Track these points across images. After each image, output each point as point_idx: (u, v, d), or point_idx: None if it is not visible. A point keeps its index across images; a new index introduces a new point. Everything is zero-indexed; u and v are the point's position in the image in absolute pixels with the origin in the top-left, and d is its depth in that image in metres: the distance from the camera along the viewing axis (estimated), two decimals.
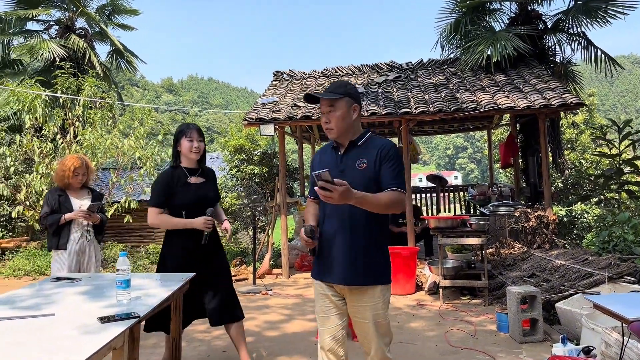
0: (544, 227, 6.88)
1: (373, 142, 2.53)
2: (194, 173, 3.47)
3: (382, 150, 2.46)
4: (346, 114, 2.49)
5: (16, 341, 2.03)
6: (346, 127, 2.50)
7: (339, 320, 2.56)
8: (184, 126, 3.45)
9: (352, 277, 2.46)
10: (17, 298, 2.78)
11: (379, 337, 2.49)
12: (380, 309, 2.48)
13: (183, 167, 3.46)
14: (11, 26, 12.23)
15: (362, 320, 2.50)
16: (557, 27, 9.31)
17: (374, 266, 2.48)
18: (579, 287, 4.73)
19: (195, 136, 3.40)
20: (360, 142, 2.53)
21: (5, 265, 9.53)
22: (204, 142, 3.50)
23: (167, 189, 3.37)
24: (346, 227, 2.47)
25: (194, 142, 3.39)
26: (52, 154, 9.00)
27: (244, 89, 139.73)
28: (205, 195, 3.46)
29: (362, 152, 2.50)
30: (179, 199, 3.36)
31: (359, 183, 2.38)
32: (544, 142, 7.37)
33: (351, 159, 2.51)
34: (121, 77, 26.42)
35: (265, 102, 8.17)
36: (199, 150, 3.41)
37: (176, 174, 3.41)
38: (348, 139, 2.54)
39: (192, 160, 3.45)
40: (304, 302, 6.14)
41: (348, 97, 2.50)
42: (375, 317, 2.47)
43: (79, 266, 4.25)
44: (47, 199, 4.26)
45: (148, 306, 2.56)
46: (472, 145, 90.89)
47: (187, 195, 3.38)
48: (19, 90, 8.94)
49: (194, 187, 3.42)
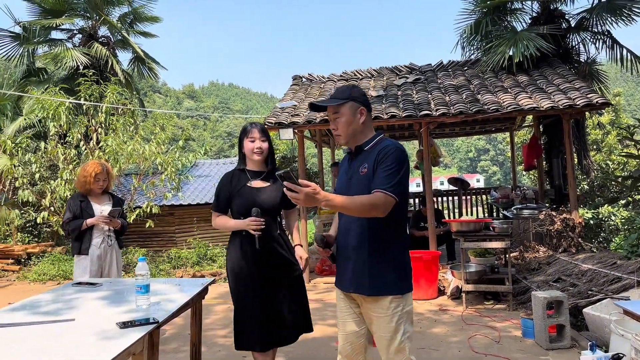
0: (569, 230, 6.71)
1: (378, 146, 2.42)
2: (259, 176, 3.16)
3: (380, 153, 2.34)
4: (351, 119, 2.42)
5: (37, 347, 2.04)
6: (353, 132, 2.44)
7: (357, 327, 2.49)
8: (247, 125, 3.18)
9: (358, 286, 2.39)
10: (38, 303, 2.81)
11: (390, 351, 2.37)
12: (390, 321, 2.33)
13: (247, 169, 3.18)
14: (36, 35, 12.49)
15: (374, 331, 2.42)
16: (581, 25, 9.13)
17: (380, 275, 2.34)
18: (607, 292, 4.59)
19: (257, 135, 3.11)
20: (367, 147, 2.45)
21: (31, 270, 9.70)
22: (269, 142, 3.21)
23: (225, 191, 3.15)
24: (351, 234, 2.41)
25: (256, 142, 3.10)
26: (76, 160, 9.15)
27: (264, 94, 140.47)
28: (265, 201, 3.10)
29: (367, 156, 2.42)
30: (236, 203, 3.11)
31: (362, 188, 2.32)
32: (569, 143, 7.21)
33: (357, 164, 2.45)
34: (143, 84, 26.85)
35: (285, 106, 8.18)
36: (261, 150, 3.11)
37: (237, 177, 3.17)
38: (356, 144, 2.48)
39: (256, 162, 3.16)
40: (325, 307, 6.10)
41: (352, 101, 2.43)
42: (385, 329, 2.35)
43: (100, 271, 4.28)
44: (69, 205, 4.31)
45: (167, 311, 2.56)
46: (495, 147, 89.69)
47: (245, 199, 3.08)
48: (43, 98, 9.11)
49: (255, 192, 3.10)
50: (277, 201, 3.11)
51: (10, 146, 8.57)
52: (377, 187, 2.25)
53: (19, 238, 11.44)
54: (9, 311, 2.66)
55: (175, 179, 9.67)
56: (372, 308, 2.37)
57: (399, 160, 2.31)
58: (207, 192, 11.42)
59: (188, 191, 11.55)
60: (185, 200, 11.08)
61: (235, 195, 3.10)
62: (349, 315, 2.50)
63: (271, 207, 3.10)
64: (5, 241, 11.53)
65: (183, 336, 4.89)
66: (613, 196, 9.69)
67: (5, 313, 2.61)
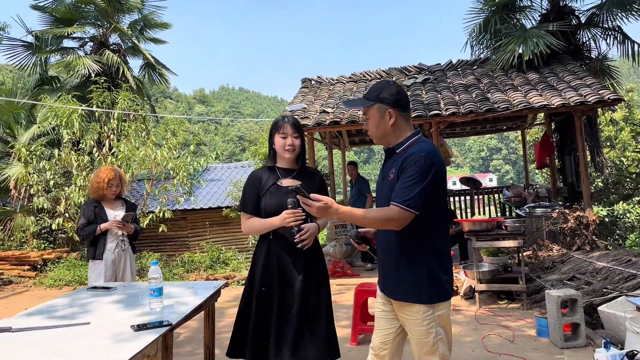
0: (583, 228, 6.65)
1: (409, 150, 2.29)
2: (289, 174, 2.91)
3: (405, 160, 2.22)
4: (379, 121, 2.34)
5: (53, 350, 2.07)
6: (382, 134, 2.37)
7: (389, 325, 2.47)
8: (278, 119, 2.92)
9: (389, 289, 2.40)
10: (54, 308, 2.85)
11: (422, 351, 2.32)
12: (421, 325, 2.27)
13: (277, 167, 2.93)
14: (48, 44, 12.67)
15: (408, 332, 2.39)
16: (592, 22, 9.06)
17: (406, 283, 2.29)
18: (623, 290, 4.55)
19: (289, 131, 2.85)
20: (399, 149, 2.33)
21: (47, 276, 9.82)
22: (302, 139, 2.94)
23: (252, 191, 2.90)
24: (382, 239, 2.43)
25: (288, 139, 2.84)
26: (89, 166, 9.26)
27: (274, 98, 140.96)
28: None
29: (395, 161, 2.32)
30: (265, 203, 2.84)
31: (387, 195, 2.27)
32: (581, 140, 7.15)
33: (387, 167, 2.40)
34: (154, 89, 27.08)
35: (294, 109, 8.21)
36: (293, 148, 2.85)
37: (265, 175, 2.91)
38: (388, 145, 2.42)
39: (287, 159, 2.90)
40: (337, 308, 6.08)
41: (380, 103, 2.31)
42: (416, 332, 2.30)
43: (114, 275, 4.34)
44: (83, 211, 4.39)
45: (180, 314, 2.58)
46: (507, 146, 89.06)
47: (274, 198, 2.82)
48: (57, 106, 9.24)
49: (284, 191, 2.81)
50: None
51: (25, 154, 8.69)
52: (394, 200, 2.18)
53: (34, 244, 11.60)
54: (25, 316, 2.70)
55: (187, 183, 9.74)
56: (403, 311, 2.35)
57: (422, 170, 2.16)
58: (218, 196, 11.51)
59: (200, 195, 11.64)
60: (198, 204, 11.16)
61: (265, 194, 2.85)
62: (382, 312, 2.50)
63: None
64: (21, 248, 11.70)
65: (197, 339, 4.93)
66: (628, 193, 9.58)
67: (22, 318, 2.66)
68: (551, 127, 9.55)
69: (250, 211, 2.89)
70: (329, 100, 8.61)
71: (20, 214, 11.24)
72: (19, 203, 11.34)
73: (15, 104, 12.05)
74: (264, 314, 2.78)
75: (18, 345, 2.15)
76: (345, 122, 7.39)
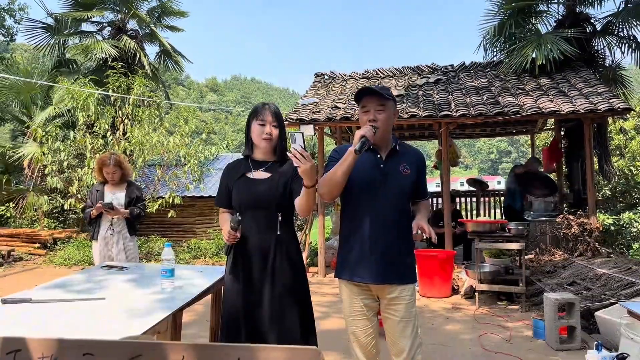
0: (586, 235, 6.72)
1: (405, 148, 2.69)
2: (262, 166, 2.66)
3: (419, 159, 2.65)
4: (391, 117, 2.56)
5: (71, 322, 2.20)
6: (387, 129, 2.54)
7: (370, 323, 2.60)
8: (258, 106, 2.69)
9: (390, 276, 2.51)
10: (70, 282, 2.99)
11: (412, 334, 2.53)
12: (413, 306, 2.56)
13: (252, 158, 2.71)
14: (67, 27, 12.84)
15: (398, 318, 2.53)
16: (607, 30, 9.06)
17: (412, 265, 2.62)
18: (620, 297, 4.63)
19: (269, 119, 2.61)
20: (397, 148, 2.62)
21: (57, 255, 10.03)
22: (282, 129, 2.69)
23: (224, 183, 2.73)
24: (385, 229, 2.51)
25: (266, 127, 2.61)
26: (103, 149, 9.42)
27: (285, 90, 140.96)
28: (262, 195, 2.58)
29: (402, 157, 2.59)
30: (234, 197, 2.65)
31: (404, 187, 2.55)
32: (589, 147, 7.20)
33: (394, 163, 2.56)
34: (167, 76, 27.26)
35: (306, 103, 8.31)
36: (270, 137, 2.61)
37: (238, 166, 2.72)
38: (387, 142, 2.59)
39: (263, 149, 2.66)
40: (340, 301, 6.20)
41: (393, 101, 2.59)
42: (409, 313, 2.53)
43: (107, 255, 4.63)
44: (88, 193, 4.69)
45: (190, 294, 2.71)
46: (517, 149, 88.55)
47: (242, 193, 2.62)
48: (73, 89, 9.40)
49: (251, 183, 2.62)
50: (278, 194, 2.57)
51: (41, 134, 8.87)
52: (426, 196, 2.74)
53: (45, 223, 11.82)
54: (43, 289, 2.84)
55: (197, 171, 9.89)
56: (399, 295, 2.52)
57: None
58: None
59: (209, 183, 11.79)
60: (207, 192, 11.31)
61: (233, 186, 2.66)
62: (363, 311, 2.58)
63: (268, 202, 2.57)
64: (32, 226, 11.93)
65: (202, 322, 5.07)
66: (635, 202, 9.60)
67: (40, 290, 2.80)
68: (560, 133, 9.59)
69: (222, 205, 2.74)
70: (341, 95, 8.70)
71: (32, 192, 11.45)
72: (32, 182, 11.56)
73: (33, 84, 12.24)
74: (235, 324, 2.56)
75: (39, 317, 2.28)
76: (356, 118, 7.48)
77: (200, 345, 1.26)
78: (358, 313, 2.59)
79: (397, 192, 2.53)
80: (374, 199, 2.50)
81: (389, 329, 2.57)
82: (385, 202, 2.51)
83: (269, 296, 2.52)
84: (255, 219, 2.58)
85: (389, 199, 2.51)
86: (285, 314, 2.54)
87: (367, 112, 2.52)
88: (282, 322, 2.53)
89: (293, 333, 2.54)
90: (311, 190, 2.35)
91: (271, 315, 2.51)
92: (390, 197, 2.51)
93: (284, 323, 2.53)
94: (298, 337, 2.55)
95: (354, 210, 2.58)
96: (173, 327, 2.58)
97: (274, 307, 2.52)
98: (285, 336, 2.49)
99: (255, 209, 2.58)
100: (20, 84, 12.25)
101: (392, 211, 2.51)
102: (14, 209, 11.15)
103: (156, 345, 1.27)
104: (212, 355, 1.23)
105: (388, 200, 2.51)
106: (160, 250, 9.81)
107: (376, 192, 2.51)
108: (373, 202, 2.50)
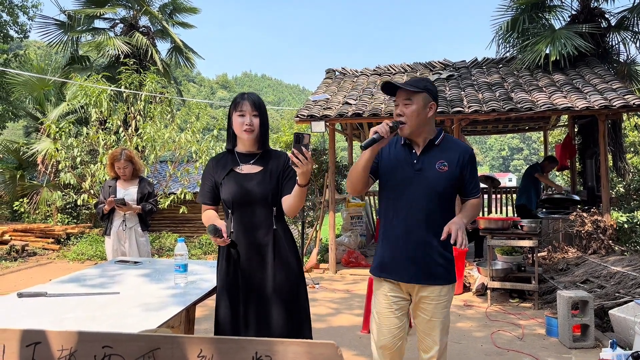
0: (600, 232, 6.65)
1: (450, 143, 2.52)
2: (249, 159, 2.55)
3: (463, 155, 2.47)
4: (421, 110, 2.41)
5: (86, 315, 2.23)
6: (419, 123, 2.42)
7: (399, 322, 2.55)
8: (237, 97, 2.56)
9: (423, 276, 2.45)
10: (84, 277, 3.02)
11: (442, 334, 2.50)
12: (446, 307, 2.51)
13: (237, 151, 2.60)
14: (80, 24, 12.97)
15: (429, 318, 2.50)
16: (622, 25, 8.95)
17: (444, 265, 2.50)
18: (635, 295, 4.58)
19: (248, 109, 2.48)
20: (437, 142, 2.49)
21: (70, 250, 10.14)
22: (264, 118, 2.54)
23: (209, 178, 2.59)
24: (422, 227, 2.44)
25: (246, 117, 2.47)
26: (115, 145, 9.49)
27: (296, 86, 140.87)
28: (255, 190, 2.47)
29: (441, 153, 2.47)
30: (223, 192, 2.52)
31: (439, 185, 2.42)
32: (603, 144, 7.12)
33: (430, 159, 2.46)
34: (178, 72, 27.36)
35: (317, 99, 8.30)
36: (251, 128, 2.47)
37: (223, 161, 2.59)
38: (423, 137, 2.48)
39: (246, 141, 2.53)
40: (352, 297, 6.23)
41: (426, 92, 2.42)
42: (441, 314, 2.49)
43: (120, 250, 4.69)
44: (101, 189, 4.76)
45: (203, 290, 2.72)
46: (529, 147, 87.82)
47: (232, 188, 2.49)
48: (86, 85, 9.48)
49: (242, 178, 2.50)
50: (271, 188, 2.49)
51: (54, 130, 8.95)
52: (475, 194, 2.55)
53: (58, 219, 11.96)
54: (58, 283, 2.87)
55: None
56: (432, 296, 2.46)
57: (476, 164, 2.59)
58: None
59: None
60: None
61: (222, 182, 2.54)
62: (392, 309, 2.53)
63: (263, 197, 2.48)
64: (45, 221, 12.07)
65: None
66: None
67: (55, 284, 2.83)
68: (574, 129, 9.50)
69: (205, 201, 2.60)
70: (352, 92, 8.68)
71: (46, 188, 11.58)
72: (46, 178, 11.69)
73: (46, 81, 12.36)
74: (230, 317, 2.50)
75: (55, 310, 2.30)
76: (367, 115, 7.46)
77: (217, 339, 1.26)
78: (386, 310, 2.53)
79: (429, 190, 2.42)
80: (405, 197, 2.44)
81: (419, 325, 2.55)
82: (416, 199, 2.42)
83: (269, 291, 2.45)
84: (249, 215, 2.48)
85: (419, 197, 2.42)
86: (281, 309, 2.45)
87: (396, 106, 2.47)
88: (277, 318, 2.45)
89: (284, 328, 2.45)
90: (304, 189, 2.32)
91: (266, 310, 2.44)
92: (420, 195, 2.42)
93: (278, 319, 2.45)
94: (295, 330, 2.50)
95: (387, 208, 2.55)
96: (186, 321, 2.61)
97: (271, 303, 2.45)
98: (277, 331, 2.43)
99: (249, 204, 2.48)
100: (33, 81, 12.38)
101: (423, 209, 2.42)
102: (27, 204, 11.29)
103: (174, 338, 1.28)
104: (229, 348, 1.23)
105: (419, 198, 2.42)
106: (172, 246, 9.89)
107: (407, 189, 2.45)
108: (404, 199, 2.44)
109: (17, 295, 2.50)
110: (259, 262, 2.47)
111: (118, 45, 12.05)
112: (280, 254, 2.49)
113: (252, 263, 2.47)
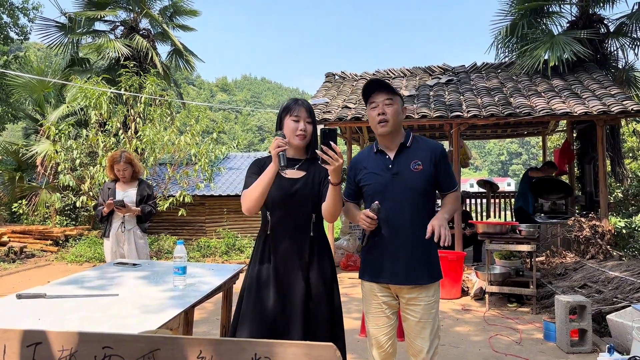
0: (598, 238, 6.67)
1: (420, 143, 2.60)
2: (294, 164, 2.53)
3: (434, 152, 2.55)
4: (399, 111, 2.55)
5: (86, 316, 2.23)
6: (396, 123, 2.54)
7: (390, 321, 2.60)
8: (291, 102, 2.55)
9: (413, 276, 2.48)
10: (84, 279, 3.03)
11: (431, 335, 2.52)
12: (433, 307, 2.53)
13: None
14: (80, 26, 12.98)
15: (417, 319, 2.52)
16: (620, 31, 8.99)
17: (432, 264, 2.56)
18: (633, 300, 4.59)
19: (303, 115, 2.50)
20: (408, 144, 2.58)
21: (69, 252, 10.13)
22: (315, 127, 2.58)
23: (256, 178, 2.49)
24: (406, 228, 2.50)
25: (300, 123, 2.49)
26: (115, 148, 9.50)
27: (295, 90, 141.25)
28: (298, 194, 2.47)
29: (413, 153, 2.55)
30: (270, 195, 2.47)
31: (417, 185, 2.49)
32: (602, 149, 7.15)
33: (403, 161, 2.54)
34: (178, 75, 27.39)
35: (317, 102, 8.32)
36: (305, 134, 2.50)
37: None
38: (396, 141, 2.58)
39: (296, 147, 2.53)
40: (350, 301, 6.23)
41: (399, 97, 2.60)
42: (429, 314, 2.51)
43: (119, 252, 4.69)
44: (100, 191, 4.77)
45: (201, 292, 2.72)
46: (527, 151, 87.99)
47: (274, 190, 2.45)
48: (86, 87, 9.49)
49: (285, 182, 2.48)
50: (313, 194, 2.48)
51: (54, 132, 8.96)
52: (452, 188, 2.61)
53: (57, 220, 11.94)
54: (57, 284, 2.88)
55: (207, 170, 9.95)
56: (419, 296, 2.50)
57: (447, 157, 2.66)
58: (237, 184, 11.72)
59: (219, 182, 11.86)
60: (217, 191, 11.38)
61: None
62: (382, 309, 2.59)
63: (304, 202, 2.47)
64: (44, 223, 12.06)
65: (212, 321, 5.10)
66: None
67: (54, 286, 2.84)
68: (573, 134, 9.52)
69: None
70: (352, 95, 8.70)
71: (45, 190, 11.58)
72: (45, 179, 11.68)
73: (46, 83, 12.37)
74: (260, 317, 2.44)
75: (55, 311, 2.31)
76: (366, 119, 7.48)
77: (217, 340, 1.27)
78: (376, 310, 2.60)
79: (408, 192, 2.49)
80: (386, 201, 2.49)
81: (408, 328, 2.57)
82: (397, 202, 2.49)
83: (302, 298, 2.42)
84: (288, 219, 2.48)
85: (400, 199, 2.49)
86: (318, 316, 2.45)
87: (375, 108, 2.55)
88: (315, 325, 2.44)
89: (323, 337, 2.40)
90: (338, 188, 2.33)
91: (303, 317, 2.41)
92: (401, 197, 2.49)
93: (315, 326, 2.43)
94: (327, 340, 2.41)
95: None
96: (185, 323, 2.61)
97: (307, 309, 2.43)
98: (314, 339, 2.32)
99: (290, 208, 2.47)
100: (33, 83, 12.39)
101: (404, 211, 2.49)
102: (26, 205, 11.28)
103: (174, 339, 1.29)
104: (229, 350, 1.24)
105: (399, 200, 2.49)
106: (170, 248, 9.89)
107: (387, 193, 2.51)
108: (386, 203, 2.49)
109: (16, 296, 2.50)
110: (295, 266, 2.46)
111: (118, 48, 12.07)
112: (316, 260, 2.50)
113: (289, 266, 2.46)
